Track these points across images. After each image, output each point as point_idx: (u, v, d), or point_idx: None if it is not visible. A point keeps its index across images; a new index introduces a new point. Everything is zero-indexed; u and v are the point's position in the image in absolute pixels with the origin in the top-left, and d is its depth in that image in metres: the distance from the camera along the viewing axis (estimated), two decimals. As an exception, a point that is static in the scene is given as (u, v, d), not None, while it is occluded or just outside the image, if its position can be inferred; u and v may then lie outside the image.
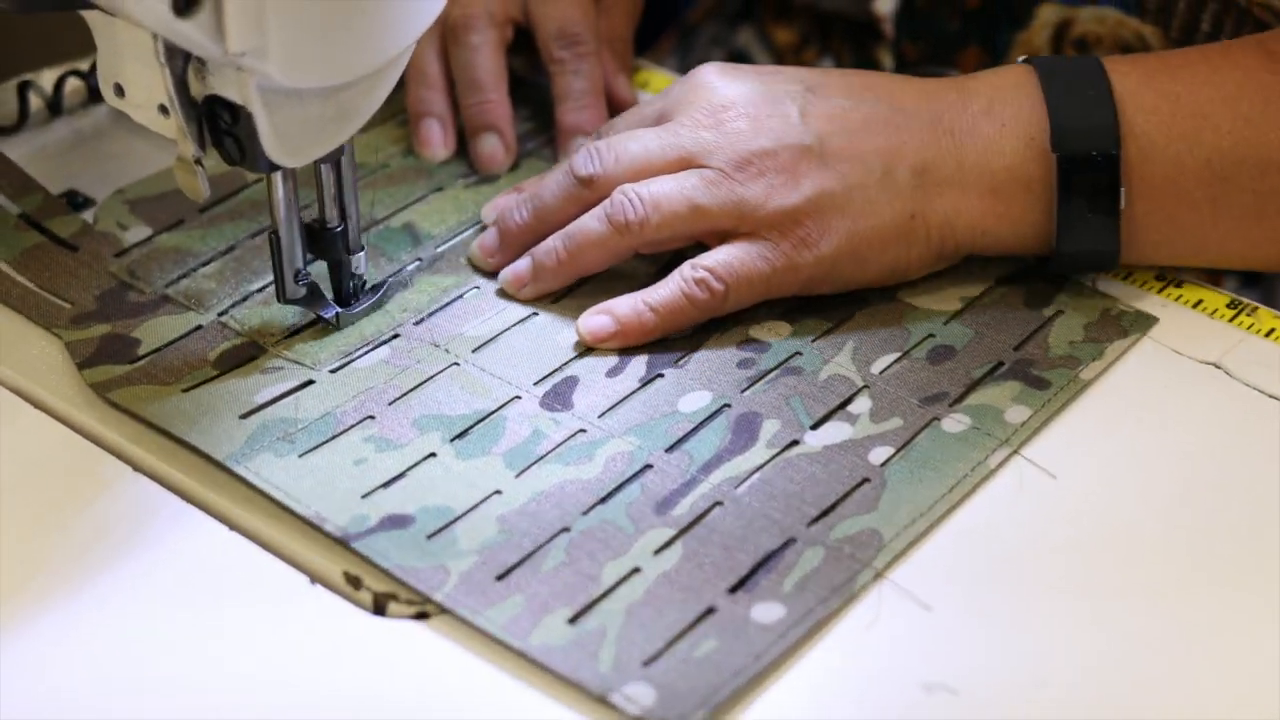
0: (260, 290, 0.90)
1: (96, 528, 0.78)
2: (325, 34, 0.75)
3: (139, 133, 0.89)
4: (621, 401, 0.84)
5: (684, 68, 1.20)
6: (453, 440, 0.82)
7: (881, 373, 0.86)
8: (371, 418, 0.83)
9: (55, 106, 1.03)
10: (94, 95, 1.03)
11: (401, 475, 0.80)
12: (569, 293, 0.90)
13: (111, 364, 0.85)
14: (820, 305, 0.89)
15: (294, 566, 0.77)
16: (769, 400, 0.84)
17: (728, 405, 0.84)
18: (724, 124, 0.88)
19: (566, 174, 0.90)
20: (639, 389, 0.85)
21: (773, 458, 0.81)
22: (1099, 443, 0.83)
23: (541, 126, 1.03)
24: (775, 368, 0.86)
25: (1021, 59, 0.90)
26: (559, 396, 0.84)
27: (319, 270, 0.88)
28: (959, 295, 0.90)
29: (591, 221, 0.88)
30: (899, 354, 0.87)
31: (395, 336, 0.87)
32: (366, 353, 0.86)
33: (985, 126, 0.88)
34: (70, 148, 1.01)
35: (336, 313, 0.88)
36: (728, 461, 0.81)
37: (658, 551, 0.77)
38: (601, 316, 0.87)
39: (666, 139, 0.88)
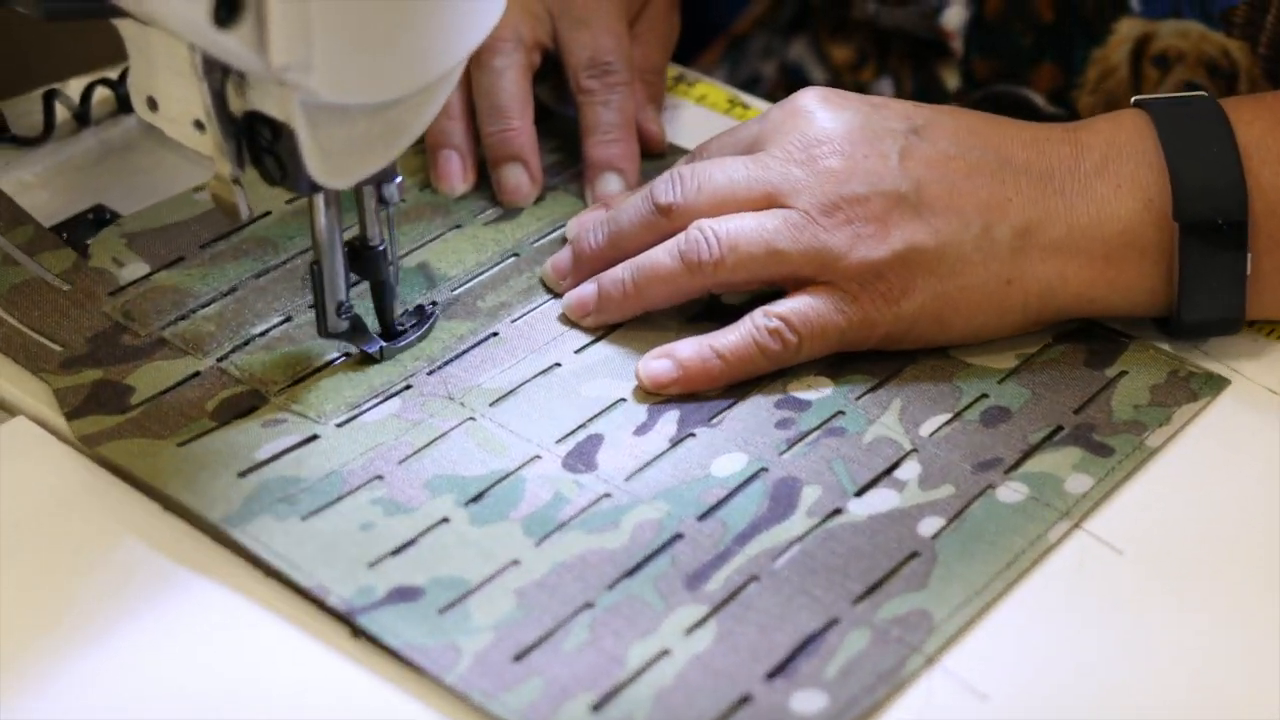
0: (263, 334, 0.84)
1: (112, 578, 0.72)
2: (374, 47, 0.71)
3: (171, 146, 0.85)
4: (650, 463, 0.78)
5: (733, 79, 1.15)
6: (467, 504, 0.76)
7: (931, 435, 0.79)
8: (380, 478, 0.77)
9: (83, 117, 0.98)
10: (123, 105, 0.99)
11: (411, 542, 0.74)
12: (605, 335, 0.84)
13: (102, 414, 0.79)
14: (865, 358, 0.83)
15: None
16: (809, 464, 0.78)
17: (765, 469, 0.78)
18: (816, 161, 0.82)
19: (646, 199, 0.85)
20: (669, 449, 0.79)
21: (814, 528, 0.75)
22: (1166, 516, 0.77)
23: (568, 160, 0.97)
24: (816, 428, 0.80)
25: (1134, 100, 0.84)
26: (582, 456, 0.78)
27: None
28: (1014, 352, 0.84)
29: (663, 256, 0.83)
30: (950, 415, 0.81)
31: (407, 387, 0.81)
32: (376, 405, 0.80)
33: (1099, 186, 0.82)
34: (97, 160, 0.97)
35: (380, 347, 0.82)
36: (765, 531, 0.75)
37: (689, 631, 0.71)
38: (663, 361, 0.82)
39: (754, 171, 0.83)
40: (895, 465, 0.78)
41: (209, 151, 0.75)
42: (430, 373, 0.82)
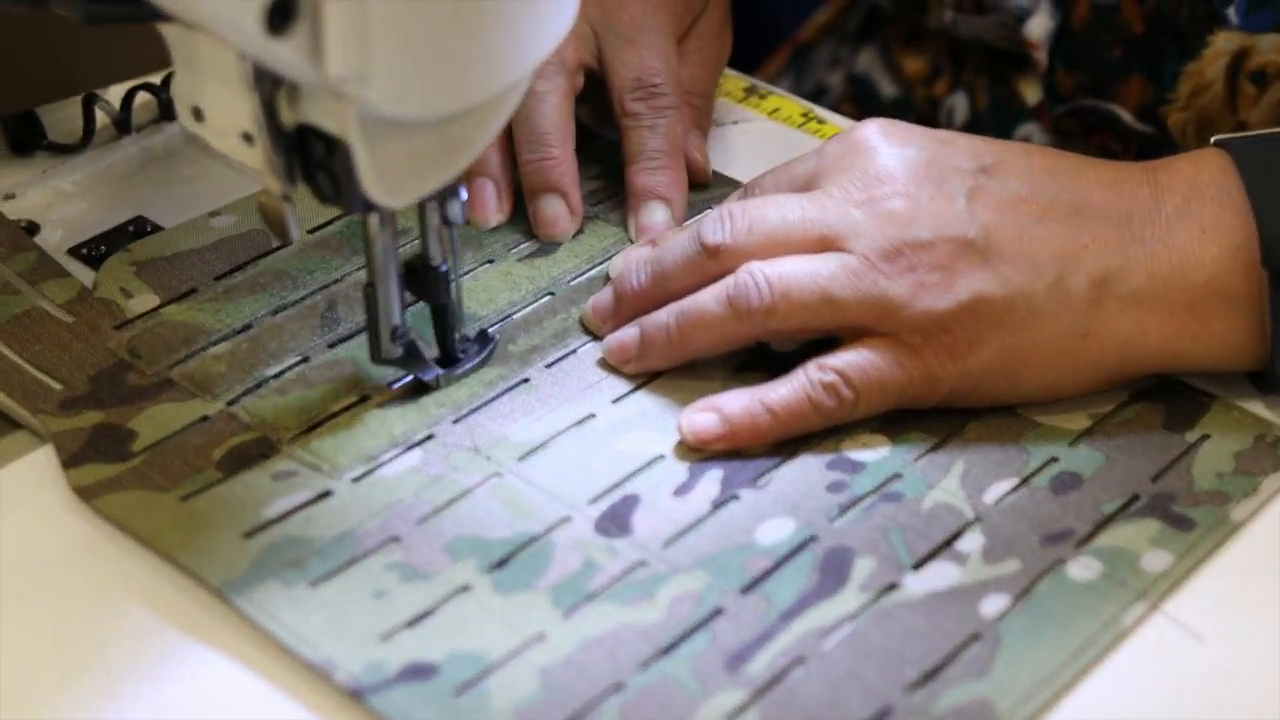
0: (277, 376, 0.78)
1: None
2: (437, 58, 0.66)
3: (216, 154, 0.79)
4: (690, 528, 0.72)
5: (797, 90, 1.09)
6: (491, 570, 0.70)
7: (996, 503, 0.73)
8: (397, 539, 0.71)
9: (123, 124, 0.94)
10: (166, 111, 0.94)
11: (429, 612, 0.68)
12: (644, 384, 0.79)
13: (101, 462, 0.74)
14: (925, 413, 0.77)
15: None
16: (863, 533, 0.72)
17: (814, 537, 0.71)
18: (878, 201, 0.76)
19: (693, 238, 0.79)
20: (710, 513, 0.73)
21: (866, 605, 0.69)
22: (1252, 598, 0.70)
23: (610, 187, 0.90)
24: (871, 492, 0.74)
25: (1214, 140, 0.78)
26: (617, 519, 0.72)
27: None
28: (1087, 411, 0.77)
29: (709, 300, 0.77)
30: (1016, 480, 0.74)
31: (429, 438, 0.76)
32: (395, 457, 0.75)
33: (1182, 232, 0.75)
34: (138, 170, 0.93)
35: (438, 375, 0.78)
36: (813, 608, 0.69)
37: (728, 719, 0.65)
38: (708, 414, 0.76)
39: (810, 211, 0.77)
40: (956, 536, 0.72)
41: (257, 166, 0.70)
42: (455, 421, 0.76)
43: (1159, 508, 0.73)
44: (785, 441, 0.76)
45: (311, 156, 0.70)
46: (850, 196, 0.77)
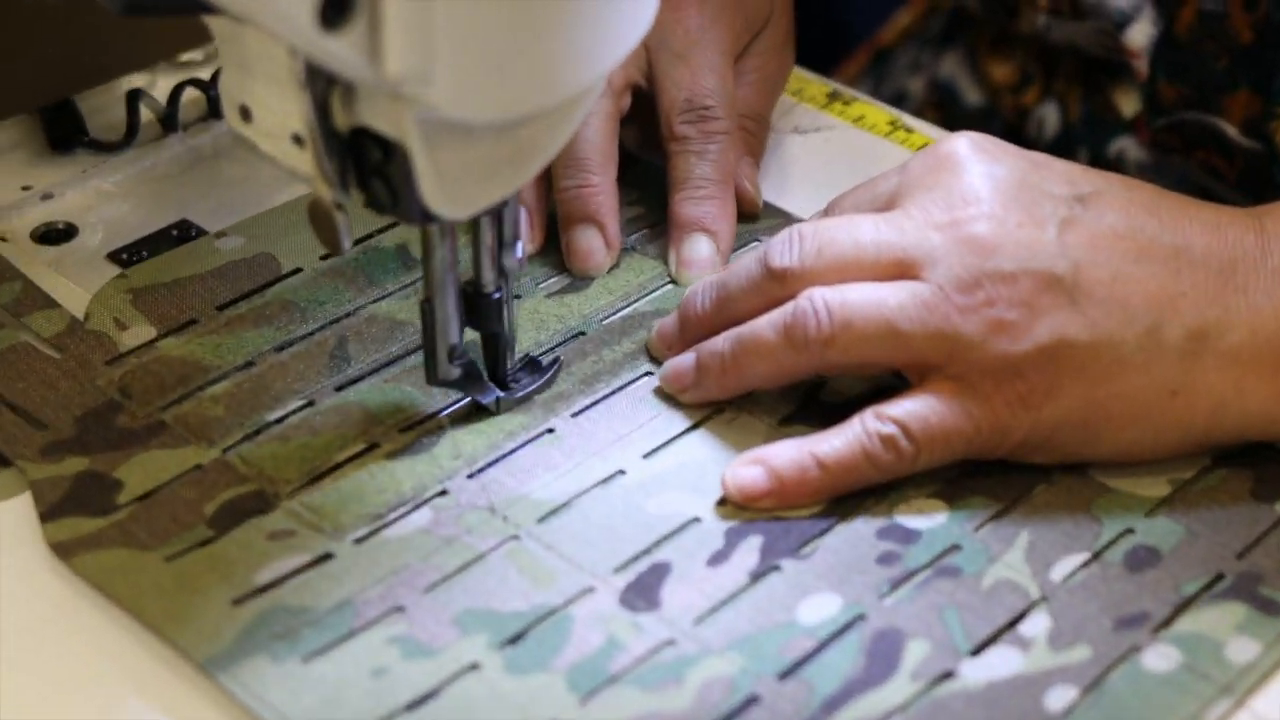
0: (279, 421, 0.72)
1: None
2: (505, 57, 0.62)
3: (265, 156, 0.73)
4: (724, 603, 0.65)
5: (878, 95, 1.03)
6: (503, 646, 0.63)
7: (1065, 580, 0.66)
8: (401, 609, 0.64)
9: (169, 121, 0.88)
10: (214, 109, 0.89)
11: (433, 694, 0.62)
12: (678, 437, 0.72)
13: (82, 515, 0.67)
14: (988, 472, 0.70)
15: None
16: (917, 612, 0.65)
17: (862, 616, 0.65)
18: (960, 225, 0.69)
19: (759, 260, 0.73)
20: (748, 586, 0.66)
21: (918, 695, 0.62)
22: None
23: (649, 215, 0.84)
24: (926, 565, 0.67)
25: None
26: (644, 591, 0.66)
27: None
28: (1167, 476, 0.70)
29: (765, 328, 0.71)
30: (1087, 555, 0.67)
31: (442, 493, 0.69)
32: (403, 516, 0.68)
33: None
34: (184, 170, 0.88)
35: (497, 398, 0.73)
36: (859, 697, 0.62)
37: (761, 826, 0.58)
38: (754, 468, 0.69)
39: (884, 233, 0.70)
40: (1020, 618, 0.65)
41: (308, 171, 0.66)
42: (471, 475, 0.70)
43: (1245, 589, 0.66)
44: (833, 504, 0.69)
45: (366, 162, 0.65)
46: (930, 218, 0.70)
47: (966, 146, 0.72)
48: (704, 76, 0.83)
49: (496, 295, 0.71)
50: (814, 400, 0.73)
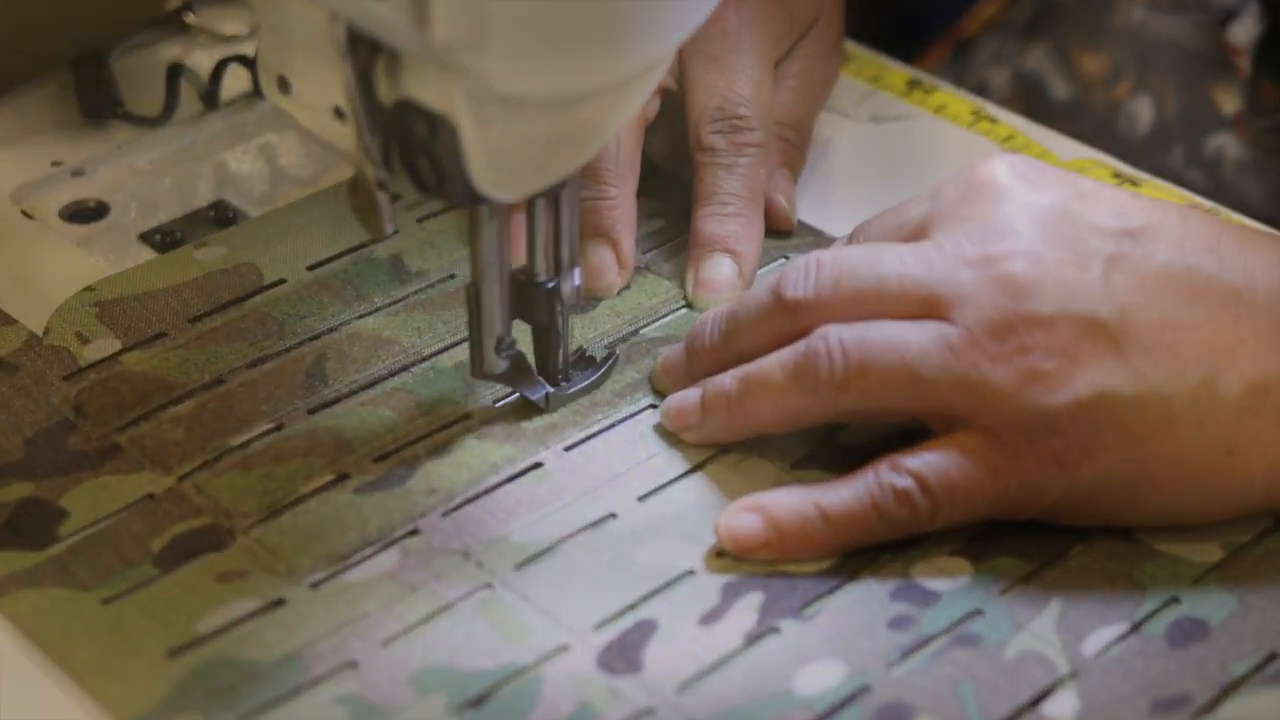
0: (242, 446, 0.65)
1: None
2: (563, 26, 0.58)
3: (305, 132, 0.70)
4: (714, 668, 0.59)
5: (960, 85, 0.97)
6: (463, 710, 0.57)
7: (1098, 655, 0.59)
8: (353, 665, 0.58)
9: (210, 97, 0.84)
10: (259, 86, 0.82)
11: (381, 763, 0.56)
12: (679, 478, 0.66)
13: (19, 549, 0.62)
14: (1019, 530, 0.63)
15: None
16: (929, 684, 0.58)
17: (867, 688, 0.58)
18: (994, 261, 0.63)
19: (771, 290, 0.66)
20: (742, 649, 0.59)
21: (925, 781, 0.55)
22: None
23: (669, 230, 0.77)
24: (943, 632, 0.60)
25: None
26: (625, 652, 0.59)
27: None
28: (1220, 540, 0.63)
29: (774, 367, 0.65)
30: (1126, 626, 0.60)
31: (413, 533, 0.63)
32: (368, 558, 0.62)
33: None
34: (225, 148, 0.83)
35: (547, 393, 0.68)
36: (859, 782, 0.55)
37: None
38: (750, 515, 0.63)
39: (911, 266, 0.64)
40: (1045, 695, 0.58)
41: (349, 148, 0.62)
42: (446, 513, 0.64)
43: (1302, 671, 0.59)
44: (845, 559, 0.62)
45: (412, 138, 0.61)
46: (962, 252, 0.63)
47: (1006, 172, 0.65)
48: (738, 83, 0.77)
49: (549, 284, 0.66)
50: (832, 443, 0.66)
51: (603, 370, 0.69)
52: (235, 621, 0.59)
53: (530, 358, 0.68)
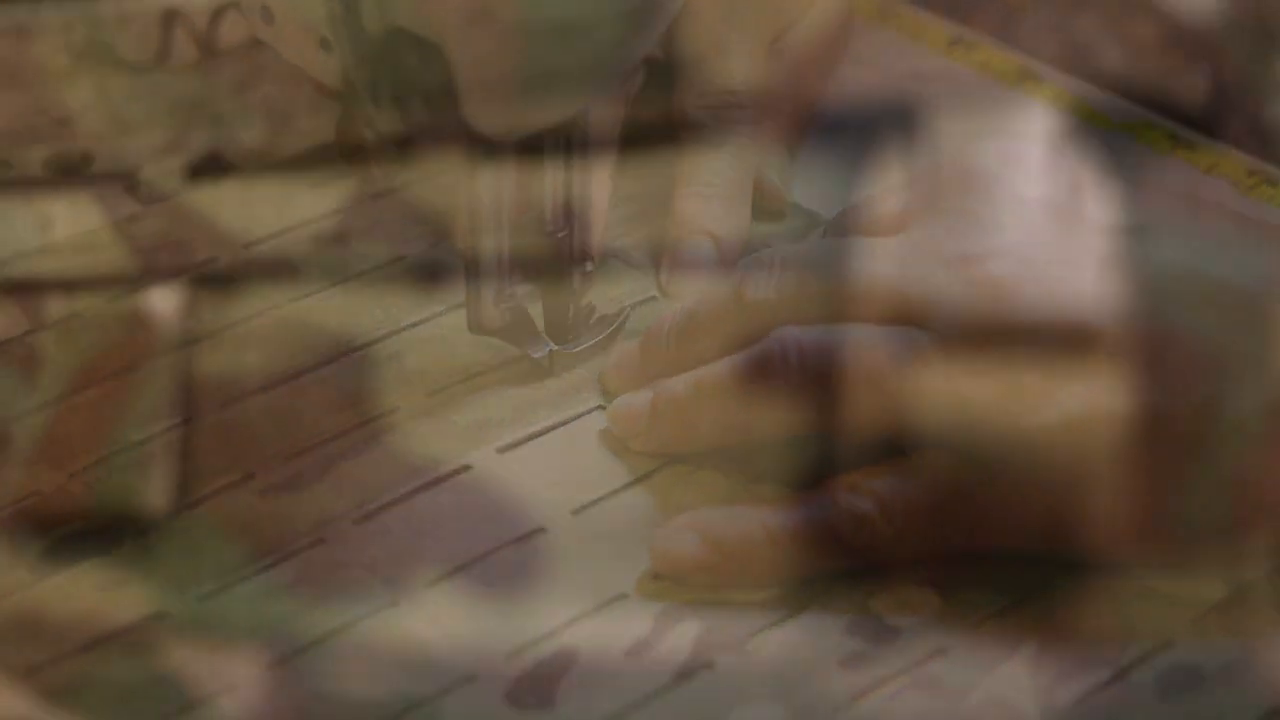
0: (148, 441, 0.60)
1: None
2: None
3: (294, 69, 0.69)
4: (636, 707, 0.52)
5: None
6: (351, 747, 0.51)
7: (1076, 703, 0.53)
8: (232, 690, 0.52)
9: (208, 45, 0.81)
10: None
11: (249, 805, 0.50)
12: (624, 487, 0.60)
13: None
14: (993, 563, 0.57)
15: None
16: (879, 734, 0.52)
17: (809, 735, 0.52)
18: (974, 262, 0.58)
19: (731, 289, 0.62)
20: (671, 686, 0.53)
21: (864, 847, 0.49)
22: None
23: (645, 214, 0.71)
24: (900, 673, 0.53)
25: None
26: (538, 685, 0.53)
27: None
28: (1223, 576, 0.56)
29: (724, 371, 0.60)
30: (1110, 673, 0.54)
31: (319, 542, 0.57)
32: (261, 571, 0.56)
33: None
34: (221, 99, 0.80)
35: (550, 349, 0.64)
36: (789, 844, 0.49)
37: None
38: (687, 534, 0.57)
39: (882, 264, 0.59)
40: (1010, 750, 0.52)
41: (335, 82, 0.61)
42: (358, 521, 0.58)
43: (1309, 731, 0.52)
44: (798, 586, 0.56)
45: (403, 70, 0.59)
46: (940, 249, 0.58)
47: (996, 159, 0.60)
48: (731, 58, 0.73)
49: (561, 234, 0.63)
50: (793, 458, 0.60)
51: (612, 328, 0.65)
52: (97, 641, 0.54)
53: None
